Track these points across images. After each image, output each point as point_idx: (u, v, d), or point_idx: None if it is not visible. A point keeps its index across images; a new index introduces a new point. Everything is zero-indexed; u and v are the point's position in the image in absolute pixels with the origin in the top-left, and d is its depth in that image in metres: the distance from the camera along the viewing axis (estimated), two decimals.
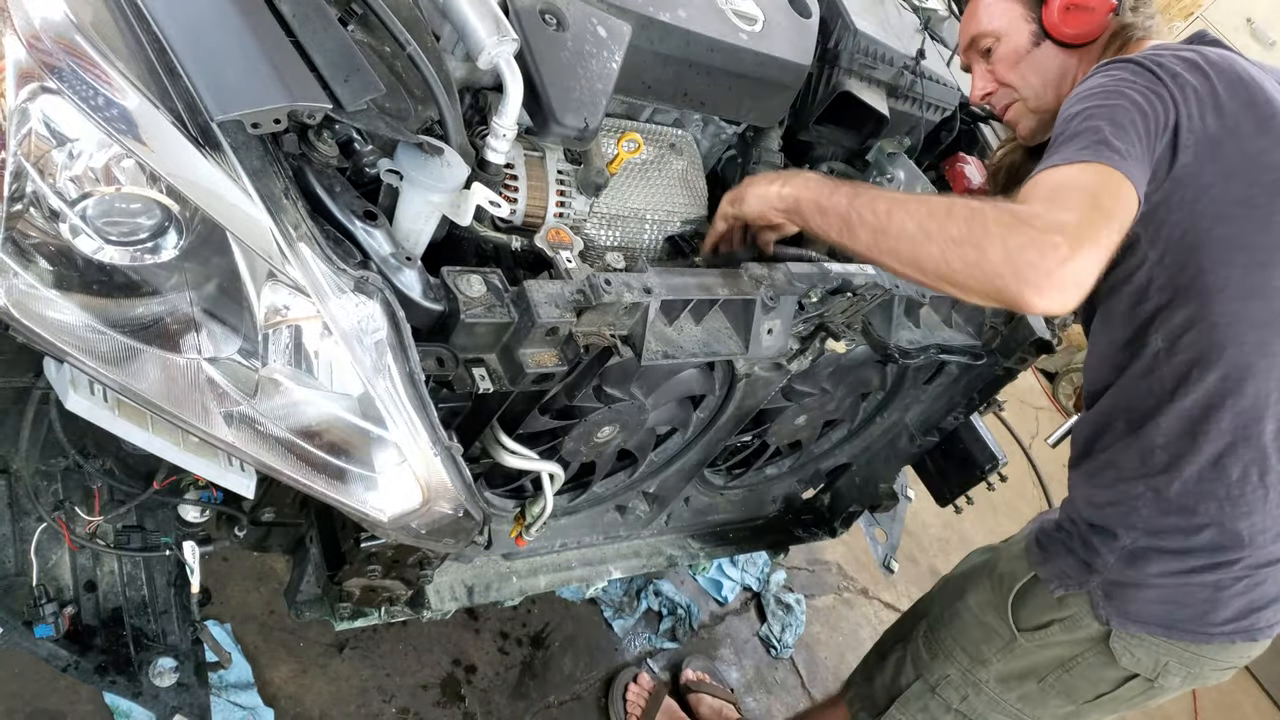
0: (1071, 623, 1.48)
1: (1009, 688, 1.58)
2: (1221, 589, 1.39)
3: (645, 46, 1.43)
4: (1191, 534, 1.37)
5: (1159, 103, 1.23)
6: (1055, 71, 1.51)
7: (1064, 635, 1.49)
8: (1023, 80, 1.54)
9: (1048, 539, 1.53)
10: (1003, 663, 1.57)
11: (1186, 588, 1.40)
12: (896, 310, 1.59)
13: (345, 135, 1.13)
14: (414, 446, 1.06)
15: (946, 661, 1.64)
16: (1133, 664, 1.45)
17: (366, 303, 1.00)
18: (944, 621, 1.68)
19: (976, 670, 1.60)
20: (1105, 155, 1.16)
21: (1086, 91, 1.27)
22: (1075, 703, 1.55)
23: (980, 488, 2.12)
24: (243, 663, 1.97)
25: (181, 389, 1.01)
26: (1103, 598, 1.44)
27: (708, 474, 1.94)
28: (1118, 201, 1.14)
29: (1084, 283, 1.06)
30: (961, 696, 1.63)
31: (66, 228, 0.93)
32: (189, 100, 0.92)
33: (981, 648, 1.59)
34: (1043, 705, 1.57)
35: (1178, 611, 1.41)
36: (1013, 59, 1.54)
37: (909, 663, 1.73)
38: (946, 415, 1.99)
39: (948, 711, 1.66)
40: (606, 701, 2.33)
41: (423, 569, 1.43)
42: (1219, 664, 1.46)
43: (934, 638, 1.69)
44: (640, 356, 1.29)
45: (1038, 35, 1.50)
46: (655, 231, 1.64)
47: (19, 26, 0.89)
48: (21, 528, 1.43)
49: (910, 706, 1.71)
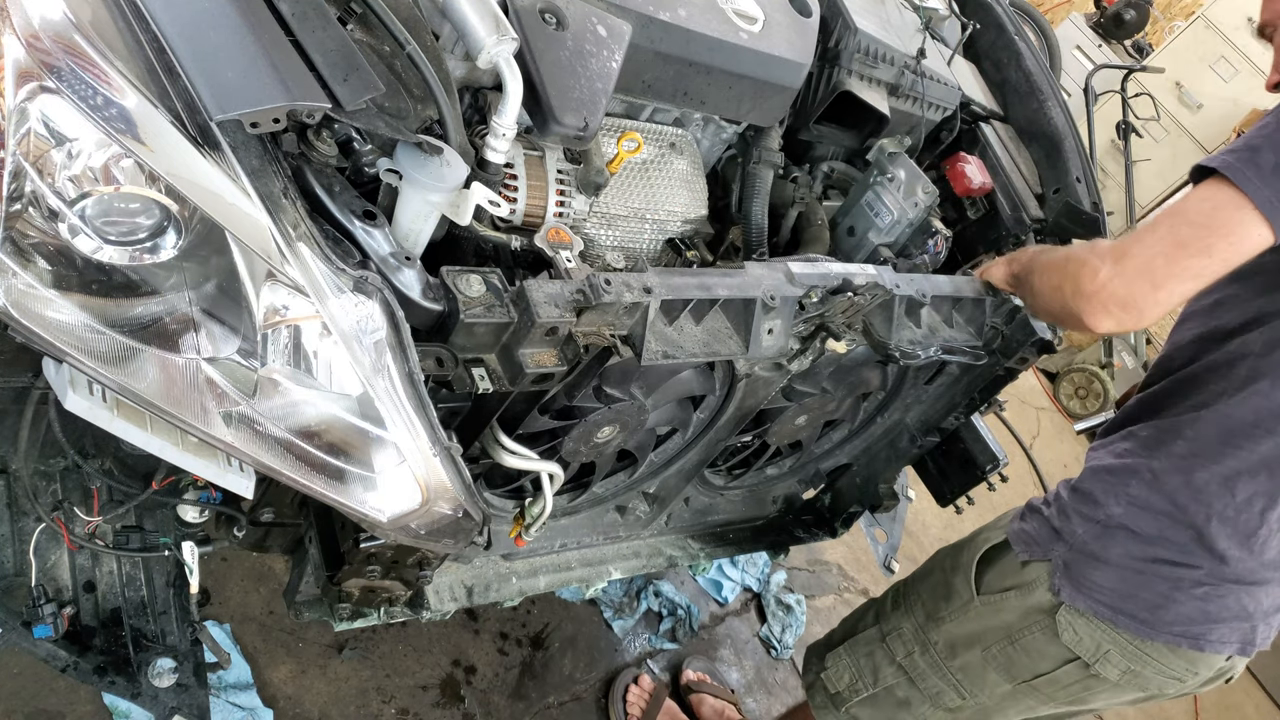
0: (1027, 590, 1.50)
1: (954, 653, 1.60)
2: (1178, 588, 1.38)
3: (645, 46, 1.43)
4: (1168, 527, 1.38)
5: None
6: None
7: (1017, 601, 1.51)
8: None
9: (1030, 509, 1.57)
10: (955, 623, 1.59)
11: (1144, 576, 1.40)
12: (897, 310, 1.58)
13: (344, 135, 1.13)
14: (413, 447, 1.05)
15: (905, 615, 1.68)
16: (1073, 641, 1.45)
17: (366, 302, 1.00)
18: (916, 577, 1.73)
19: (929, 629, 1.63)
20: (1237, 174, 1.14)
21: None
22: (1013, 681, 1.55)
23: (981, 488, 2.12)
24: (242, 663, 1.97)
25: (180, 389, 1.01)
26: (1062, 568, 1.45)
27: (708, 474, 1.94)
28: (1212, 232, 1.15)
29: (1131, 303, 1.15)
30: (907, 652, 1.66)
31: (65, 227, 0.93)
32: (188, 100, 0.92)
33: (940, 604, 1.62)
34: (981, 679, 1.58)
35: (1129, 600, 1.41)
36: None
37: (871, 611, 1.79)
38: (947, 415, 1.99)
39: (891, 664, 1.69)
40: (606, 702, 2.33)
41: (422, 569, 1.43)
42: (1162, 668, 1.44)
43: (902, 590, 1.74)
44: (640, 356, 1.28)
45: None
46: (655, 231, 1.63)
47: (18, 26, 0.89)
48: (20, 528, 1.43)
49: (858, 649, 1.75)
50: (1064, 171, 2.04)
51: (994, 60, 2.21)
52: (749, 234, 1.73)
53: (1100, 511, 1.43)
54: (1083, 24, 5.32)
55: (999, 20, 2.21)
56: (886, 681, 1.69)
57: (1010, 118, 2.18)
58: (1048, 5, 5.95)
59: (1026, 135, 2.14)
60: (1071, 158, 2.05)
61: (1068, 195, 2.00)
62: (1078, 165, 2.04)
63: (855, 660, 1.74)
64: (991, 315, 1.75)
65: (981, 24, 2.20)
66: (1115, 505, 1.42)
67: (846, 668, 1.75)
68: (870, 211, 1.82)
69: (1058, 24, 5.31)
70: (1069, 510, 1.47)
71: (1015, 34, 2.19)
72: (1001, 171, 2.02)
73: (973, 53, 2.25)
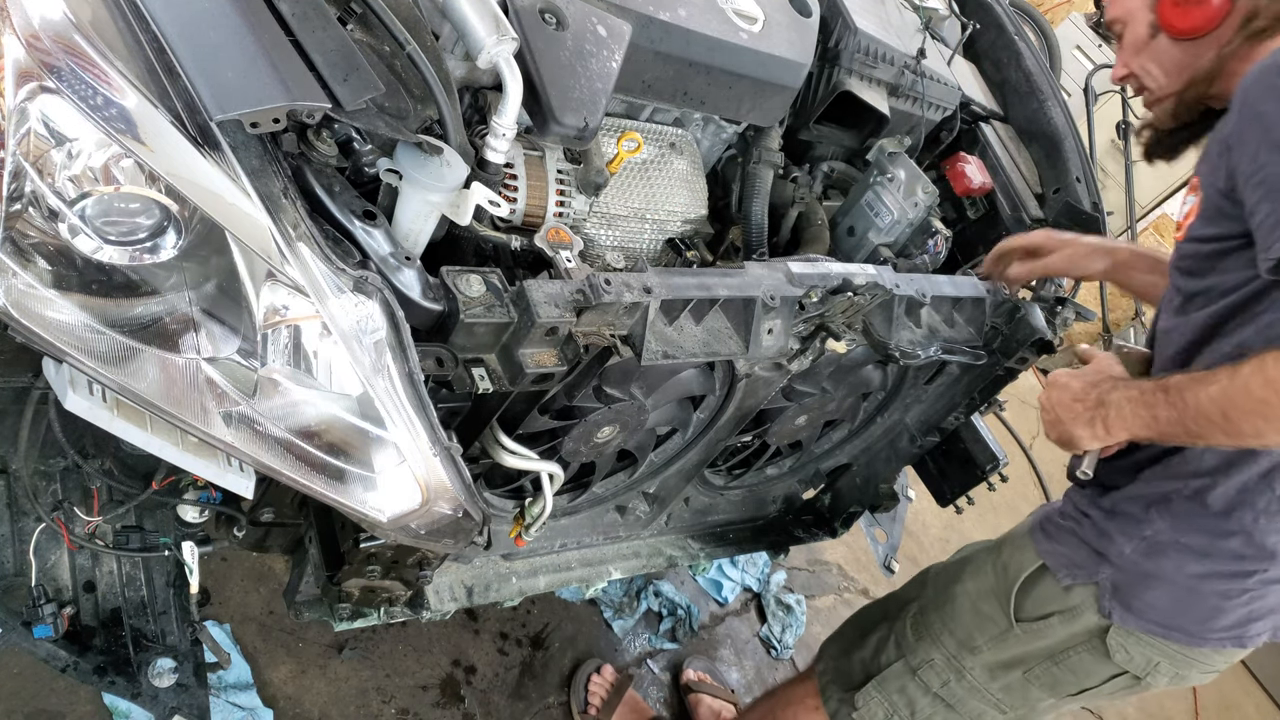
0: (1072, 615, 1.47)
1: (993, 677, 1.58)
2: (1229, 598, 1.38)
3: (645, 46, 1.43)
4: (1219, 538, 1.36)
5: None
6: (1174, 63, 1.44)
7: (1062, 627, 1.48)
8: (1143, 70, 1.49)
9: (1054, 528, 1.52)
10: (992, 651, 1.56)
11: (1197, 593, 1.39)
12: (897, 310, 1.58)
13: (344, 135, 1.13)
14: (413, 447, 1.05)
15: (932, 645, 1.63)
16: (1125, 661, 1.45)
17: (366, 302, 1.00)
18: (935, 605, 1.67)
19: (963, 657, 1.59)
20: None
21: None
22: (1057, 696, 1.54)
23: (981, 488, 2.12)
24: (242, 663, 1.97)
25: (180, 389, 1.01)
26: (1110, 590, 1.43)
27: (708, 474, 1.94)
28: None
29: None
30: (943, 681, 1.62)
31: (65, 227, 0.93)
32: (188, 100, 0.92)
33: (974, 634, 1.58)
34: (1024, 696, 1.57)
35: (1182, 615, 1.40)
36: (1135, 48, 1.49)
37: (892, 643, 1.72)
38: (947, 415, 1.99)
39: (926, 694, 1.65)
40: (569, 692, 2.32)
41: (422, 569, 1.43)
42: (1205, 667, 1.46)
43: (923, 620, 1.67)
44: (640, 356, 1.28)
45: (1154, 26, 1.44)
46: (655, 231, 1.63)
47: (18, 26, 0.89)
48: (20, 528, 1.43)
49: (888, 686, 1.69)
50: (1064, 171, 2.04)
51: (994, 60, 2.21)
52: (749, 234, 1.73)
53: (1145, 529, 1.40)
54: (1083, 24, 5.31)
55: (999, 20, 2.21)
56: (925, 713, 1.66)
57: (1010, 118, 2.18)
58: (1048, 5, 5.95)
59: (1026, 135, 2.14)
60: (1071, 158, 2.05)
61: (1068, 195, 2.00)
62: (1078, 165, 2.04)
63: (888, 697, 1.69)
64: (991, 315, 1.75)
65: (981, 24, 2.20)
66: (1160, 521, 1.39)
67: (879, 705, 1.70)
68: (870, 211, 1.82)
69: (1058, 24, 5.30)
70: (1110, 531, 1.43)
71: (1015, 34, 2.19)
72: (1001, 171, 2.02)
73: (973, 53, 2.25)
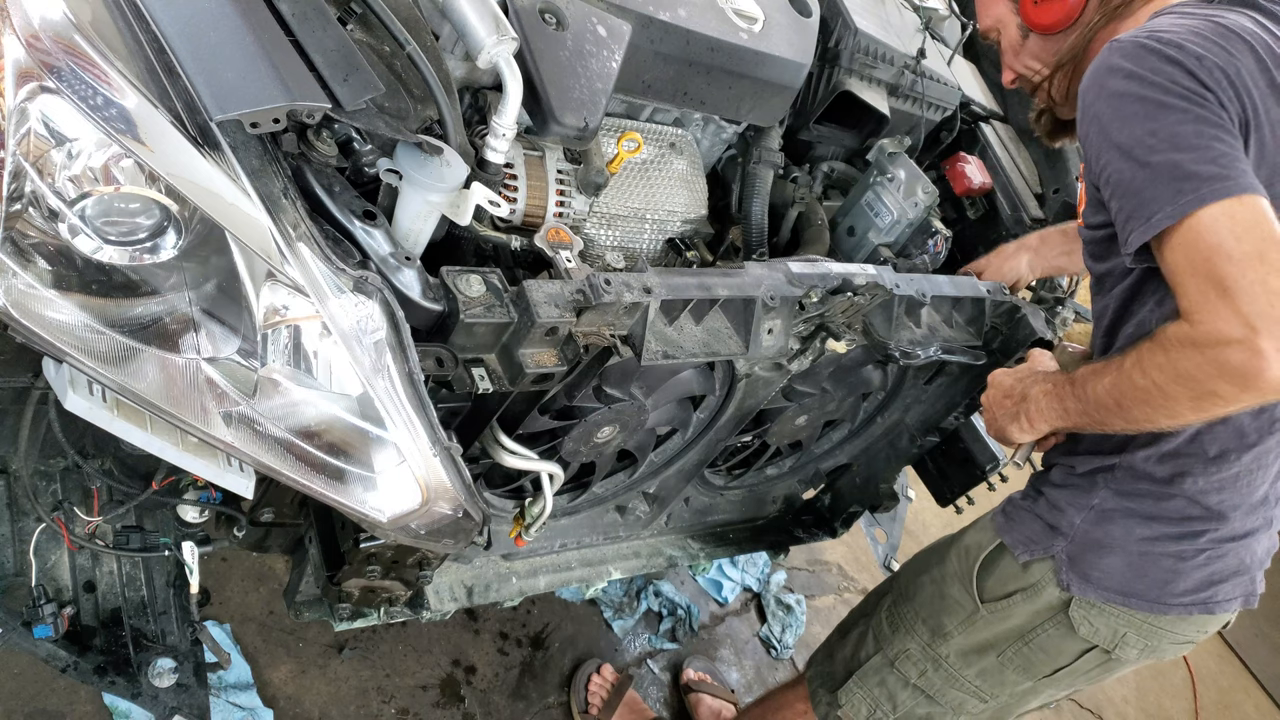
0: (1034, 591, 1.48)
1: (968, 662, 1.59)
2: (1184, 559, 1.40)
3: (645, 45, 1.43)
4: (1162, 500, 1.38)
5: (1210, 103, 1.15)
6: (1052, 55, 1.51)
7: (1025, 604, 1.50)
8: (1027, 68, 1.57)
9: (1013, 508, 1.55)
10: (963, 635, 1.57)
11: (1150, 555, 1.40)
12: (897, 310, 1.58)
13: (344, 135, 1.13)
14: (413, 447, 1.05)
15: (907, 636, 1.65)
16: (1091, 634, 1.46)
17: (366, 303, 1.00)
18: (907, 596, 1.69)
19: (937, 644, 1.61)
20: (1211, 187, 1.10)
21: (1117, 113, 1.19)
22: (1033, 678, 1.55)
23: (981, 488, 2.12)
24: (242, 663, 1.97)
25: (180, 389, 1.01)
26: (1066, 562, 1.44)
27: (708, 474, 1.94)
28: (1261, 236, 1.09)
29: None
30: (920, 671, 1.63)
31: (65, 227, 0.93)
32: (188, 100, 0.92)
33: (943, 620, 1.60)
34: (1000, 681, 1.58)
35: (1138, 580, 1.41)
36: (1013, 50, 1.58)
37: (870, 637, 1.73)
38: (947, 415, 1.99)
39: (905, 686, 1.66)
40: (569, 692, 2.33)
41: (422, 569, 1.43)
42: (1176, 636, 1.47)
43: (896, 612, 1.69)
44: (640, 356, 1.28)
45: (1023, 28, 1.53)
46: (655, 231, 1.63)
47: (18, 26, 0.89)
48: (21, 528, 1.43)
49: (868, 680, 1.71)
50: (1063, 171, 2.04)
51: (994, 60, 2.21)
52: (749, 234, 1.73)
53: (1093, 498, 1.43)
54: None
55: None
56: (906, 705, 1.67)
57: (1010, 118, 2.18)
58: None
59: (1026, 135, 2.14)
60: (1071, 158, 2.05)
61: (1067, 195, 2.00)
62: (1077, 165, 2.04)
63: (869, 692, 1.70)
64: (991, 315, 1.75)
65: None
66: (1105, 489, 1.42)
67: (862, 701, 1.71)
68: (870, 211, 1.82)
69: None
70: (1060, 504, 1.47)
71: None
72: (1001, 171, 2.03)
73: (973, 53, 2.26)
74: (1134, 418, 1.26)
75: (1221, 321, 1.09)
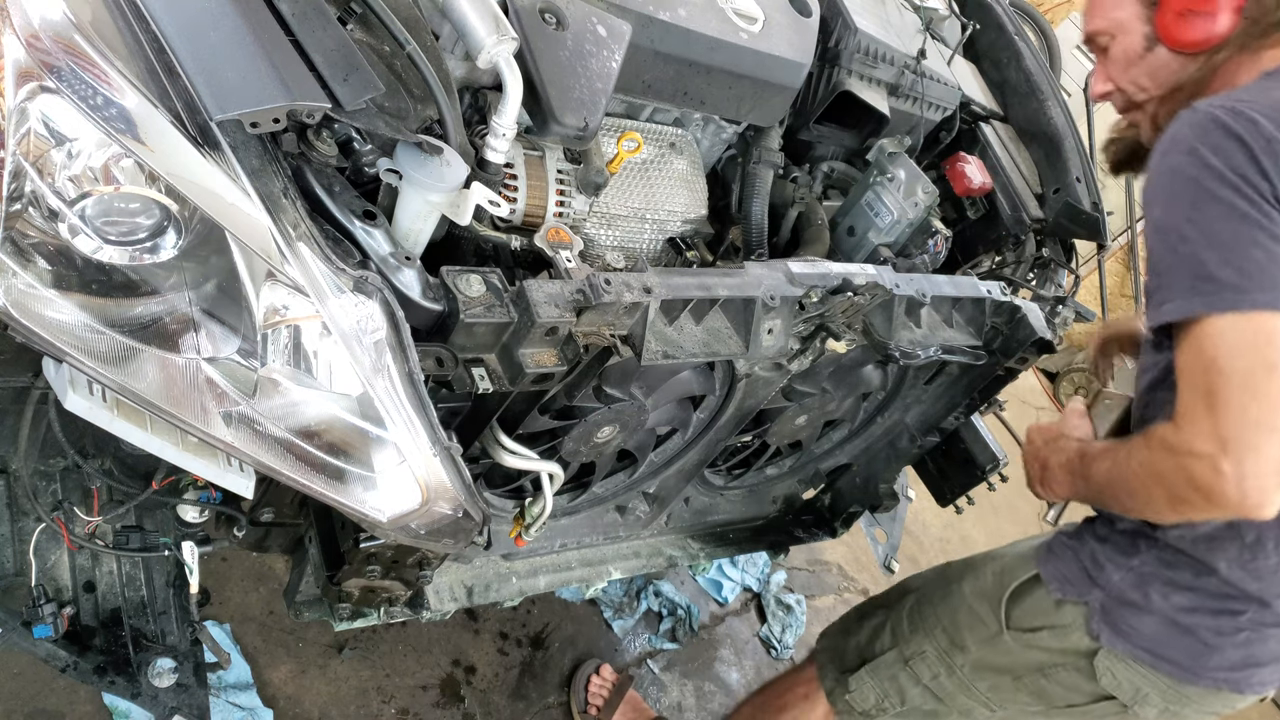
0: (1062, 632, 1.46)
1: (982, 676, 1.58)
2: (1222, 635, 1.36)
3: (645, 45, 1.43)
4: (1201, 574, 1.35)
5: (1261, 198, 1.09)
6: (1172, 77, 1.35)
7: (1051, 641, 1.48)
8: (1134, 84, 1.40)
9: (1059, 545, 1.52)
10: (981, 653, 1.56)
11: (1187, 624, 1.37)
12: (897, 310, 1.58)
13: (344, 134, 1.13)
14: (413, 447, 1.05)
15: (925, 638, 1.64)
16: (1111, 686, 1.43)
17: (366, 302, 1.00)
18: (933, 600, 1.67)
19: (954, 654, 1.60)
20: (1224, 297, 1.08)
21: (1167, 189, 1.15)
22: (1045, 705, 1.54)
23: (981, 488, 2.12)
24: (242, 663, 1.97)
25: (180, 389, 1.01)
26: (1100, 612, 1.42)
27: (708, 474, 1.94)
28: (1259, 359, 1.07)
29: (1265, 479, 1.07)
30: (933, 674, 1.63)
31: (65, 227, 0.93)
32: (188, 100, 0.92)
33: (964, 634, 1.58)
34: (1012, 699, 1.57)
35: (1171, 646, 1.38)
36: (1126, 61, 1.39)
37: (888, 630, 1.73)
38: (947, 415, 1.99)
39: (916, 685, 1.65)
40: (569, 692, 2.32)
41: (422, 569, 1.43)
42: (1201, 707, 1.43)
43: (919, 612, 1.68)
44: (640, 356, 1.28)
45: (1150, 38, 1.35)
46: (655, 231, 1.63)
47: (18, 26, 0.89)
48: (20, 528, 1.43)
49: (880, 673, 1.70)
50: (1064, 171, 2.04)
51: (994, 60, 2.21)
52: (749, 234, 1.73)
53: (1133, 559, 1.40)
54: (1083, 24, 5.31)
55: (999, 20, 2.21)
56: (914, 701, 1.67)
57: (1010, 118, 2.18)
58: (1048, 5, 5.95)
59: (1026, 135, 2.14)
60: (1071, 158, 2.05)
61: (1067, 195, 2.00)
62: (1077, 165, 2.04)
63: (879, 684, 1.70)
64: (991, 315, 1.75)
65: (981, 24, 2.20)
66: (1146, 553, 1.39)
67: (871, 690, 1.71)
68: (870, 211, 1.82)
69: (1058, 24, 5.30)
70: (1101, 559, 1.43)
71: (1015, 34, 2.19)
72: (1001, 171, 2.02)
73: (973, 53, 2.25)
74: (1126, 507, 1.29)
75: (1198, 433, 1.11)
